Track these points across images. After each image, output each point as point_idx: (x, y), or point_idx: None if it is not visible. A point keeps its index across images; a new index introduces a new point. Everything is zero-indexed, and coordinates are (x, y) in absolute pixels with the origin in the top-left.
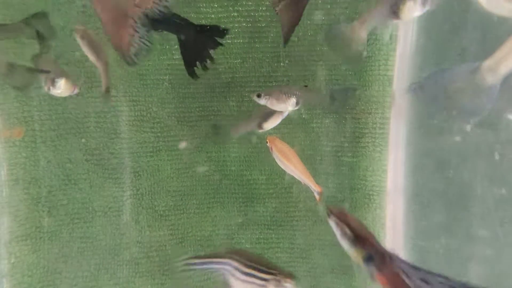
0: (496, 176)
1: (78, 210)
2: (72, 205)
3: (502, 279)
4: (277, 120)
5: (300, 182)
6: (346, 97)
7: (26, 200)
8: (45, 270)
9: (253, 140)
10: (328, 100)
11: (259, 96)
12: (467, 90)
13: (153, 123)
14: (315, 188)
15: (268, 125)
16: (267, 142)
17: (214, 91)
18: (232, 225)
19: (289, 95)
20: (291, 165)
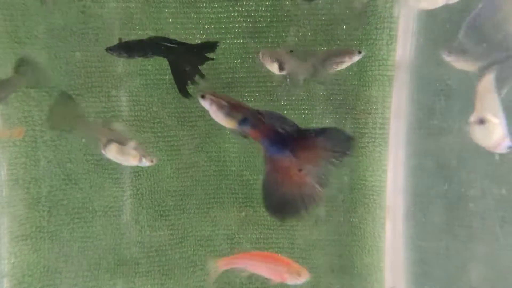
0: (496, 176)
1: (78, 210)
2: (72, 205)
3: (502, 279)
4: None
5: None
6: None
7: (26, 200)
8: (46, 270)
9: (254, 140)
10: (312, 69)
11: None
12: None
13: (153, 123)
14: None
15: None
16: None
17: (214, 91)
18: (232, 225)
19: (273, 60)
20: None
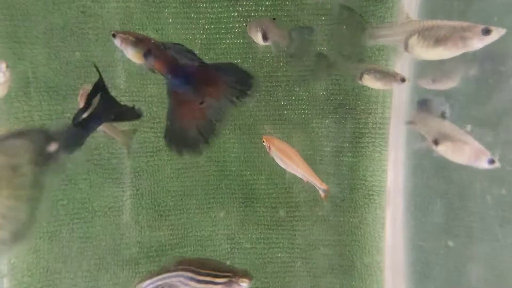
0: (496, 176)
1: (78, 210)
2: (72, 205)
3: (502, 279)
4: None
5: (301, 181)
6: (303, 38)
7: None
8: (45, 270)
9: (254, 140)
10: (288, 40)
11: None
12: None
13: (153, 123)
14: (321, 186)
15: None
16: (264, 142)
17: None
18: (232, 225)
19: (257, 29)
20: (294, 164)
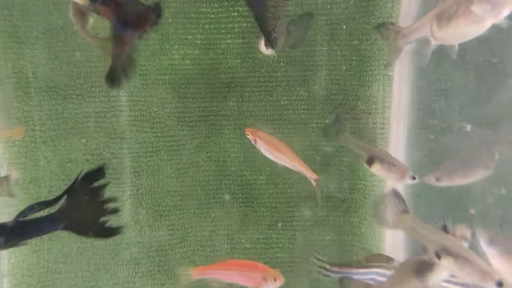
0: (496, 176)
1: None
2: None
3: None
4: None
5: (299, 182)
6: (303, 25)
7: (26, 200)
8: (45, 270)
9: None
10: (286, 33)
11: None
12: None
13: (153, 123)
14: (312, 176)
15: None
16: (248, 135)
17: (214, 91)
18: (232, 225)
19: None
20: (283, 155)
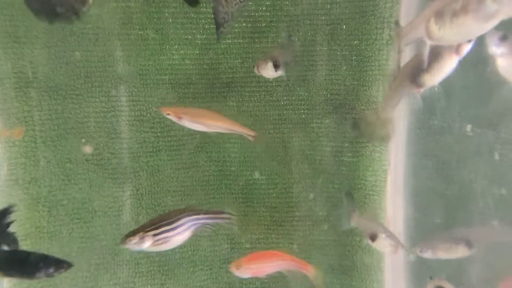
0: (496, 176)
1: (78, 210)
2: (72, 205)
3: (501, 279)
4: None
5: (299, 182)
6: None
7: (26, 200)
8: None
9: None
10: (298, 46)
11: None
12: None
13: (153, 123)
14: (249, 133)
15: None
16: (169, 114)
17: (214, 91)
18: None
19: (267, 60)
20: (214, 122)
